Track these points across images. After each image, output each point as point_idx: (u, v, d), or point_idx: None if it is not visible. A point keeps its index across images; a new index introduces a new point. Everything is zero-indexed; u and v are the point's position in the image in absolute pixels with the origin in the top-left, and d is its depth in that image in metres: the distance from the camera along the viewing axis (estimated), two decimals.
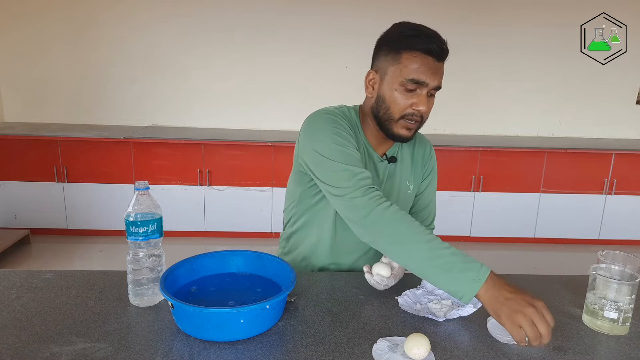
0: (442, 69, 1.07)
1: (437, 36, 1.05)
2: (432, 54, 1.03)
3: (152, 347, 0.81)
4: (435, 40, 1.03)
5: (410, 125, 1.09)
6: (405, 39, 1.04)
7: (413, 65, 1.03)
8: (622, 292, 0.89)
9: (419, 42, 1.03)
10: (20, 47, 3.60)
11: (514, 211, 3.56)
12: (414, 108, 1.07)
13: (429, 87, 1.05)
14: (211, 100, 3.76)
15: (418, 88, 1.05)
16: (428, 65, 1.03)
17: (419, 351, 0.79)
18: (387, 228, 0.95)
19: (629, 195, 3.55)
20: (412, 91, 1.06)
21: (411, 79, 1.04)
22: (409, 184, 1.25)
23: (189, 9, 3.58)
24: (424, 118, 1.10)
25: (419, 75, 1.03)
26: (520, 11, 3.66)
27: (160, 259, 0.99)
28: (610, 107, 3.87)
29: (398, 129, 1.10)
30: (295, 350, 0.82)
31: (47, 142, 3.29)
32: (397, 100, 1.07)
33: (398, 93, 1.06)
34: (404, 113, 1.08)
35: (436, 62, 1.05)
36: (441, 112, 3.84)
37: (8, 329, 0.86)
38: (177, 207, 3.42)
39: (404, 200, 1.26)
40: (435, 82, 1.05)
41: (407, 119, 1.08)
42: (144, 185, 0.96)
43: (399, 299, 0.99)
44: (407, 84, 1.05)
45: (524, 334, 0.80)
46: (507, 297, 0.83)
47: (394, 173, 1.22)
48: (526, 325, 0.79)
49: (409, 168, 1.26)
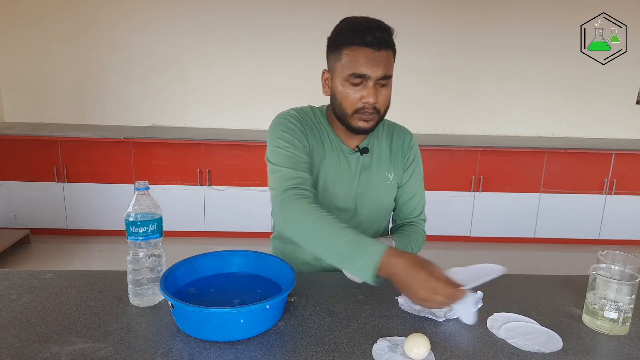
0: (386, 57, 1.06)
1: (375, 26, 1.05)
2: (370, 45, 1.03)
3: (152, 347, 0.81)
4: (371, 31, 1.04)
5: (365, 117, 1.10)
6: (342, 35, 1.07)
7: (352, 60, 1.05)
8: (622, 292, 0.89)
9: (355, 36, 1.04)
10: (20, 47, 3.60)
11: (514, 211, 3.56)
12: (363, 101, 1.07)
13: (373, 78, 1.05)
14: (211, 100, 3.76)
15: (363, 81, 1.06)
16: (367, 57, 1.04)
17: (419, 351, 0.79)
18: (298, 223, 1.00)
19: (629, 195, 3.55)
20: (358, 85, 1.06)
21: (352, 74, 1.05)
22: (388, 174, 1.24)
23: (189, 9, 3.58)
24: (380, 108, 1.10)
25: (359, 69, 1.04)
26: (520, 11, 3.66)
27: (160, 259, 0.99)
28: (610, 107, 3.87)
29: (355, 122, 1.11)
30: (295, 350, 0.82)
31: (47, 142, 3.29)
32: (346, 96, 1.08)
33: (346, 88, 1.08)
34: (356, 107, 1.09)
35: (376, 52, 1.04)
36: (441, 112, 3.86)
37: (8, 329, 0.86)
38: (177, 207, 3.42)
39: (385, 191, 1.25)
40: (379, 72, 1.04)
41: (361, 112, 1.09)
42: (144, 185, 0.96)
43: (399, 299, 0.99)
44: (351, 79, 1.06)
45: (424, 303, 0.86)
46: (406, 281, 0.86)
47: (369, 165, 1.22)
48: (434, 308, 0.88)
49: (387, 159, 1.24)
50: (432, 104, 3.82)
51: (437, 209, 3.49)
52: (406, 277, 0.86)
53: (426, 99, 3.82)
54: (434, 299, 0.83)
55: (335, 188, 1.20)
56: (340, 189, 1.20)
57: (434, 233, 3.52)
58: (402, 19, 3.57)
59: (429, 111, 3.84)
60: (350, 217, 1.23)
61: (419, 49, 3.66)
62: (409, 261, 0.87)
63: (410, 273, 0.86)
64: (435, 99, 3.81)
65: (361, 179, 1.21)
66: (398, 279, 0.87)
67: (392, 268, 0.88)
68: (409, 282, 0.86)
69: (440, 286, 0.83)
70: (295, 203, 1.02)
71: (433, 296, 0.83)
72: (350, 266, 0.93)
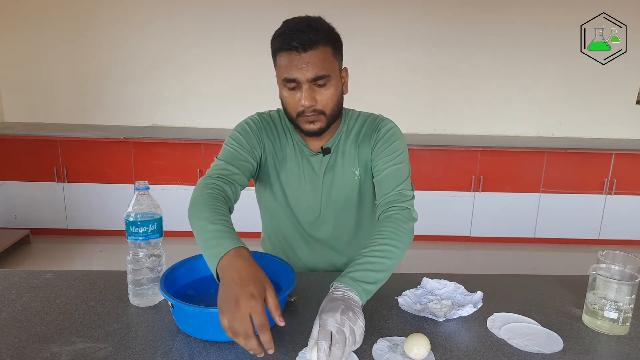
0: (315, 57, 1.01)
1: (299, 28, 1.02)
2: (295, 49, 1.02)
3: (152, 347, 0.81)
4: (296, 33, 1.02)
5: (310, 119, 1.07)
6: (273, 41, 1.06)
7: (282, 65, 1.04)
8: (622, 292, 0.89)
9: (281, 40, 1.03)
10: (20, 47, 3.60)
11: (514, 211, 3.56)
12: (300, 104, 1.06)
13: (303, 80, 1.03)
14: (211, 100, 3.76)
15: (297, 84, 1.05)
16: (293, 61, 1.02)
17: (419, 351, 0.79)
18: (191, 208, 0.98)
19: (629, 195, 3.55)
20: (295, 89, 1.06)
21: (284, 79, 1.05)
22: (354, 170, 1.20)
23: (189, 9, 3.58)
24: (324, 109, 1.07)
25: (288, 73, 1.03)
26: (520, 11, 3.66)
27: (160, 259, 0.99)
28: (610, 107, 3.86)
29: (302, 124, 1.10)
30: (295, 350, 0.81)
31: (47, 142, 3.29)
32: (287, 101, 1.08)
33: (284, 93, 1.08)
34: (298, 111, 1.07)
35: (302, 54, 1.02)
36: (441, 112, 3.86)
37: (8, 329, 0.86)
38: (177, 207, 3.39)
39: (351, 188, 1.21)
40: (308, 74, 1.02)
41: (304, 115, 1.07)
42: (144, 185, 0.96)
43: (399, 299, 0.99)
44: (286, 84, 1.05)
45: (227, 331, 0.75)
46: (228, 281, 0.78)
47: (334, 164, 1.20)
48: (224, 325, 0.74)
49: (353, 156, 1.19)
50: (432, 104, 3.82)
51: (437, 209, 3.49)
52: (224, 281, 0.79)
53: (426, 99, 3.82)
54: (232, 316, 0.73)
55: (299, 191, 1.20)
56: (305, 192, 1.20)
57: (434, 233, 3.52)
58: (402, 19, 3.57)
59: (429, 111, 3.84)
60: (316, 217, 1.22)
61: (419, 48, 3.66)
62: (239, 270, 0.79)
63: (231, 279, 0.78)
64: (435, 99, 3.81)
65: (326, 179, 1.20)
66: (227, 274, 0.79)
67: (225, 267, 0.80)
68: (222, 287, 0.78)
69: (249, 305, 0.73)
70: (203, 190, 1.01)
71: (233, 313, 0.73)
72: (208, 252, 0.85)
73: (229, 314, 0.74)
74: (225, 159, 1.12)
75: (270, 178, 1.20)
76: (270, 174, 1.20)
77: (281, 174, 1.19)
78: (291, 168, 1.19)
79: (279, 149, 1.19)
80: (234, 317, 0.73)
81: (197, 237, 0.91)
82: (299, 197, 1.20)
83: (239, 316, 0.73)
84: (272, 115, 1.22)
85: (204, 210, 0.94)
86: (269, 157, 1.19)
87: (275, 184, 1.21)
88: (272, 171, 1.20)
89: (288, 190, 1.20)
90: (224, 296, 0.76)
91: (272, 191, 1.22)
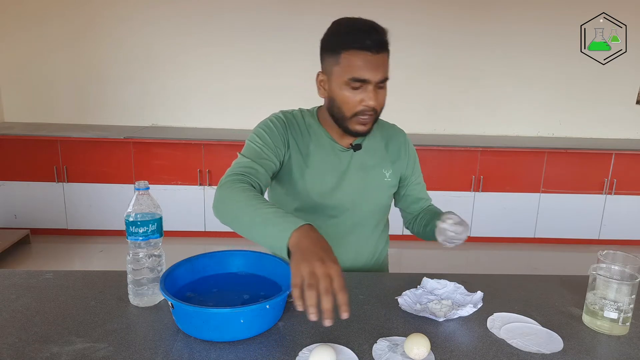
0: (384, 59, 1.06)
1: (373, 29, 1.04)
2: (369, 49, 1.03)
3: (152, 347, 0.81)
4: (370, 34, 1.03)
5: (364, 121, 1.10)
6: (341, 38, 1.06)
7: (352, 64, 1.04)
8: (622, 292, 0.89)
9: (354, 39, 1.03)
10: (20, 47, 3.60)
11: (514, 211, 3.56)
12: (363, 104, 1.07)
13: (373, 82, 1.05)
14: (211, 100, 3.76)
15: (363, 85, 1.06)
16: (367, 61, 1.03)
17: (419, 351, 0.79)
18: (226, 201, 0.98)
19: (629, 195, 3.55)
20: (358, 88, 1.06)
21: (352, 78, 1.05)
22: (384, 171, 1.24)
23: (189, 9, 3.58)
24: (378, 110, 1.11)
25: (359, 73, 1.04)
26: (520, 11, 3.66)
27: (160, 259, 0.99)
28: (610, 107, 3.87)
29: (353, 125, 1.11)
30: (295, 350, 0.81)
31: (47, 142, 3.29)
32: (346, 100, 1.08)
33: (345, 92, 1.07)
34: (356, 111, 1.09)
35: (375, 55, 1.04)
36: (441, 112, 3.86)
37: (8, 329, 0.86)
38: (177, 207, 3.42)
39: (381, 189, 1.25)
40: (379, 76, 1.05)
41: (360, 115, 1.09)
42: (144, 185, 0.96)
43: (399, 299, 0.99)
44: (351, 83, 1.05)
45: (300, 280, 0.76)
46: (305, 246, 0.80)
47: (365, 162, 1.22)
48: (306, 272, 0.76)
49: (383, 156, 1.25)
50: (432, 104, 3.82)
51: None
52: (308, 245, 0.80)
53: (426, 99, 3.82)
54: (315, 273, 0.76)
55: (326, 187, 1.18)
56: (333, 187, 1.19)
57: None
58: (402, 19, 3.58)
59: (429, 111, 3.84)
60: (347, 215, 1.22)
61: (419, 48, 3.66)
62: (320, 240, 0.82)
63: (315, 245, 0.80)
64: (435, 99, 3.81)
65: (356, 177, 1.20)
66: (302, 243, 0.81)
67: (301, 238, 0.82)
68: (299, 253, 0.80)
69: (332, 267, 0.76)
70: (233, 184, 1.00)
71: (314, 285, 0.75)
72: (272, 229, 0.87)
73: (309, 269, 0.75)
74: (251, 157, 1.10)
75: (292, 177, 1.18)
76: (292, 173, 1.17)
77: (306, 172, 1.17)
78: (317, 165, 1.18)
79: (303, 147, 1.18)
80: (316, 273, 0.75)
81: (246, 221, 0.92)
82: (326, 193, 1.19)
83: (321, 272, 0.75)
84: (295, 114, 1.21)
85: (250, 198, 0.94)
86: (293, 156, 1.17)
87: (298, 183, 1.18)
88: (295, 170, 1.17)
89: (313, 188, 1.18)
90: (305, 256, 0.78)
91: (295, 190, 1.19)
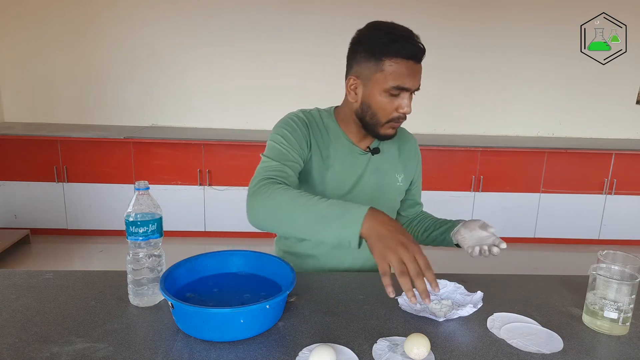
0: (421, 69, 1.08)
1: (414, 37, 1.05)
2: (413, 58, 1.04)
3: (152, 347, 0.81)
4: (415, 43, 1.04)
5: (395, 126, 1.13)
6: (385, 46, 1.04)
7: (397, 72, 1.04)
8: (622, 292, 0.89)
9: (400, 48, 1.03)
10: (20, 47, 3.60)
11: (514, 211, 3.56)
12: (399, 111, 1.09)
13: (412, 90, 1.07)
14: (211, 100, 3.77)
15: (401, 92, 1.07)
16: (411, 69, 1.05)
17: (419, 351, 0.79)
18: (268, 204, 0.95)
19: (629, 195, 3.55)
20: (396, 95, 1.07)
21: (396, 86, 1.05)
22: (397, 175, 1.25)
23: (189, 9, 3.58)
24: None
25: (402, 81, 1.05)
26: (520, 11, 3.66)
27: (160, 259, 0.99)
28: (610, 107, 3.87)
29: (385, 130, 1.13)
30: (295, 350, 0.81)
31: (47, 142, 3.29)
32: (384, 106, 1.08)
33: (384, 99, 1.07)
34: (391, 117, 1.10)
35: (416, 64, 1.06)
36: (441, 112, 3.86)
37: (8, 329, 0.86)
38: (177, 207, 3.42)
39: (394, 193, 1.26)
40: (417, 84, 1.08)
41: (393, 121, 1.11)
42: (144, 185, 0.95)
43: (399, 299, 0.99)
44: (392, 90, 1.06)
45: (388, 267, 0.81)
46: (382, 234, 0.83)
47: (380, 166, 1.22)
48: (394, 261, 0.80)
49: (396, 160, 1.26)
50: (432, 104, 3.82)
51: (437, 209, 3.45)
52: (384, 232, 0.83)
53: (426, 99, 3.80)
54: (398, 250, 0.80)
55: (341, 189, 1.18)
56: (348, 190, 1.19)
57: None
58: (402, 19, 3.56)
59: (429, 111, 3.84)
60: None
61: None
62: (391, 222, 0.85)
63: (390, 229, 0.84)
64: (435, 99, 3.81)
65: (371, 181, 1.21)
66: (377, 230, 0.84)
67: (373, 224, 0.85)
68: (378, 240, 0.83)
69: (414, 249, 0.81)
70: (269, 187, 0.97)
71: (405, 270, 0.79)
72: (337, 223, 0.87)
73: (396, 256, 0.80)
74: (278, 159, 1.08)
75: (311, 178, 1.17)
76: (312, 174, 1.16)
77: (326, 175, 1.17)
78: (337, 167, 1.17)
79: (324, 149, 1.18)
80: (402, 259, 0.79)
81: (301, 222, 0.91)
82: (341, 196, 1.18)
83: (407, 257, 0.79)
84: (314, 115, 1.21)
85: (295, 197, 0.93)
86: (313, 157, 1.16)
87: (317, 185, 1.17)
88: (315, 172, 1.16)
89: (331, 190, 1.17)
90: (387, 243, 0.81)
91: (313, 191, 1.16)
